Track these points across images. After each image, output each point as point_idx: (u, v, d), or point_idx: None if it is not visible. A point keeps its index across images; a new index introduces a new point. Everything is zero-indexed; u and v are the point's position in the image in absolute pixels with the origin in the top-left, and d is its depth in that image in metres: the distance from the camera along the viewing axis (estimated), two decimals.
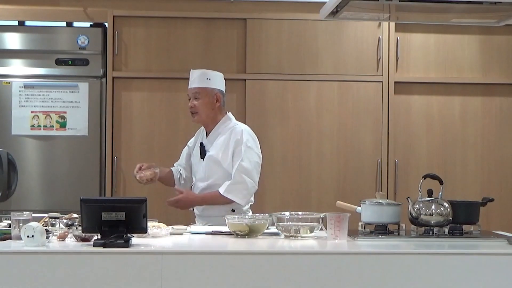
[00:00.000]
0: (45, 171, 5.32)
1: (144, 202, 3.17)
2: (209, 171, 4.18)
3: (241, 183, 4.07)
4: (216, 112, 4.24)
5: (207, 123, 4.26)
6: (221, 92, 4.27)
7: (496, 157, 5.51)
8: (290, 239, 3.45)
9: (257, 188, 4.18)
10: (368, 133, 5.44)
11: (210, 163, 4.17)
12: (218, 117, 4.25)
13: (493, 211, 5.25)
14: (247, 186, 4.08)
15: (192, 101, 4.22)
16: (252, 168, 4.11)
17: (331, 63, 5.45)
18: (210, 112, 4.22)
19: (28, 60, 5.37)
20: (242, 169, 4.07)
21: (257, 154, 4.19)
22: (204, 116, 4.22)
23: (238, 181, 4.06)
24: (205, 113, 4.22)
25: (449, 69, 5.52)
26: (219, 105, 4.25)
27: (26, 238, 3.03)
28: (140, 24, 5.39)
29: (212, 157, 4.17)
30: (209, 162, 4.18)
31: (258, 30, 5.41)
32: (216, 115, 4.24)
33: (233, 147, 4.14)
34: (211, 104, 4.22)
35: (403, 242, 3.42)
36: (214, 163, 4.16)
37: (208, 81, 4.22)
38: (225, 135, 4.19)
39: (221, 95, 4.26)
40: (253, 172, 4.11)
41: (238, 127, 4.22)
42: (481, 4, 3.57)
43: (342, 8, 3.66)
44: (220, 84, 4.28)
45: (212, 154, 4.17)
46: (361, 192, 5.19)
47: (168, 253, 3.07)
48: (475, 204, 3.66)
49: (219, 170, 4.15)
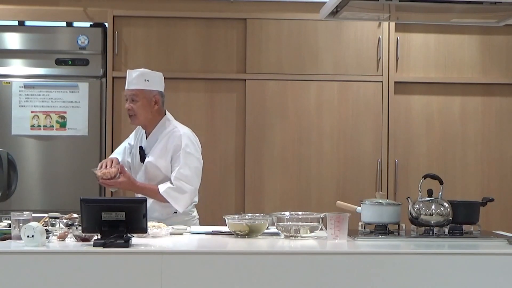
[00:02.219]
0: (45, 171, 5.32)
1: (144, 202, 3.17)
2: (150, 176, 4.10)
3: (180, 191, 3.99)
4: (154, 114, 4.14)
5: (145, 125, 4.17)
6: (160, 94, 4.15)
7: (496, 157, 5.51)
8: (290, 239, 3.45)
9: (197, 193, 4.12)
10: (368, 133, 5.44)
11: (150, 169, 4.10)
12: (157, 118, 4.15)
13: (493, 211, 5.25)
14: (186, 193, 4.00)
15: (129, 103, 4.11)
16: (192, 174, 4.03)
17: (331, 63, 5.45)
18: (148, 115, 4.12)
19: (28, 60, 5.37)
20: (182, 176, 3.99)
21: (197, 158, 4.10)
22: (142, 118, 4.12)
23: (178, 189, 3.98)
24: (143, 116, 4.11)
25: (449, 69, 5.52)
26: (158, 107, 4.14)
27: (26, 238, 3.03)
28: (140, 24, 5.39)
29: (151, 164, 4.09)
30: (149, 168, 4.10)
31: (258, 30, 5.41)
32: (154, 117, 4.14)
33: (172, 153, 4.06)
34: (149, 106, 4.11)
35: (403, 242, 3.42)
36: (155, 168, 4.09)
37: (146, 83, 4.11)
38: (163, 139, 4.10)
39: (159, 96, 4.15)
40: (193, 178, 4.04)
41: (177, 130, 4.12)
42: (481, 4, 3.57)
43: (342, 8, 3.66)
44: (158, 85, 4.17)
45: (151, 160, 4.09)
46: (361, 192, 5.19)
47: (168, 253, 3.07)
48: (475, 204, 3.66)
49: (159, 175, 4.08)
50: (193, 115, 5.36)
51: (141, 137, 4.25)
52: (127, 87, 4.12)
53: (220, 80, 5.40)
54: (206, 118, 5.38)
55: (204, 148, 4.28)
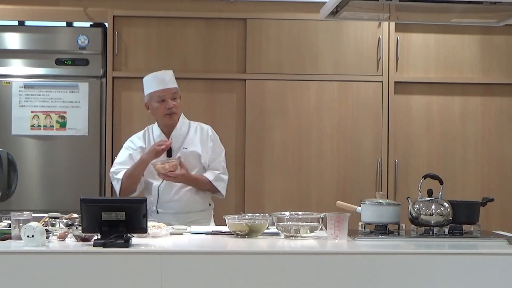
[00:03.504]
0: (45, 171, 5.32)
1: (144, 202, 3.17)
2: (189, 166, 4.21)
3: (222, 180, 4.26)
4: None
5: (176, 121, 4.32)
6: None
7: (496, 157, 5.51)
8: (290, 239, 3.45)
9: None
10: (368, 133, 5.44)
11: (191, 159, 4.23)
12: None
13: (493, 211, 5.25)
14: (225, 182, 4.30)
15: (171, 101, 4.25)
16: (224, 165, 4.32)
17: (331, 63, 5.45)
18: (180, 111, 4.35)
19: (28, 60, 5.37)
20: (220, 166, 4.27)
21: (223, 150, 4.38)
22: (179, 115, 4.34)
23: (220, 178, 4.25)
24: (180, 113, 4.34)
25: (449, 69, 5.52)
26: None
27: (26, 238, 3.03)
28: (140, 24, 5.39)
29: (194, 153, 4.24)
30: (189, 158, 4.22)
31: (258, 30, 5.41)
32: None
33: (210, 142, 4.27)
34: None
35: (403, 242, 3.42)
36: (195, 158, 4.24)
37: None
38: (194, 131, 4.31)
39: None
40: (225, 168, 4.33)
41: (202, 124, 4.38)
42: (481, 4, 3.57)
43: (342, 8, 3.66)
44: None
45: (193, 150, 4.24)
46: (361, 192, 5.19)
47: (168, 253, 3.07)
48: (475, 204, 3.66)
49: (198, 165, 4.25)
50: (193, 115, 5.34)
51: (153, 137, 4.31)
52: (164, 86, 4.27)
53: (220, 80, 5.40)
54: (206, 118, 5.36)
55: None
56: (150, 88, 4.30)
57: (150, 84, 4.31)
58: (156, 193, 4.22)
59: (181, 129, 4.30)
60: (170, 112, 4.25)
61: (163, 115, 4.26)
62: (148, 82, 4.32)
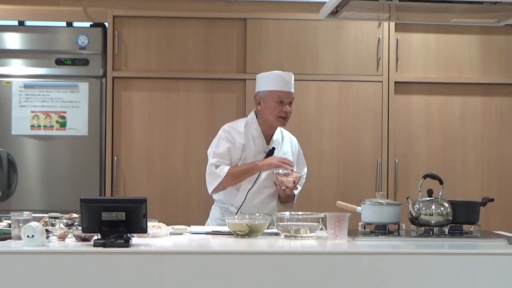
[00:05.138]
0: (45, 171, 5.33)
1: (144, 202, 3.17)
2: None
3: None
4: None
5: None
6: None
7: (496, 157, 5.51)
8: (290, 239, 3.45)
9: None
10: (368, 133, 5.44)
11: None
12: None
13: (493, 211, 5.25)
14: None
15: (288, 106, 4.08)
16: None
17: (331, 63, 5.45)
18: None
19: (28, 60, 5.37)
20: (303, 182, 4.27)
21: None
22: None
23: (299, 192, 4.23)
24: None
25: (449, 69, 5.52)
26: None
27: (26, 238, 3.03)
28: (140, 24, 5.39)
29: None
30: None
31: (258, 30, 5.41)
32: None
33: (299, 156, 4.30)
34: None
35: (403, 242, 3.42)
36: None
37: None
38: (287, 140, 4.24)
39: None
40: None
41: (291, 134, 4.30)
42: (481, 4, 3.57)
43: (342, 8, 3.66)
44: None
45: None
46: (361, 192, 5.19)
47: (168, 253, 3.07)
48: (475, 204, 3.66)
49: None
50: (193, 115, 5.37)
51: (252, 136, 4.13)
52: (288, 89, 4.09)
53: (220, 80, 5.40)
54: (206, 118, 5.37)
55: (204, 148, 4.28)
56: (271, 85, 4.08)
57: (273, 81, 4.10)
58: (244, 196, 4.10)
59: (279, 135, 4.19)
60: (285, 116, 4.08)
61: (277, 117, 4.07)
62: (271, 79, 4.12)
